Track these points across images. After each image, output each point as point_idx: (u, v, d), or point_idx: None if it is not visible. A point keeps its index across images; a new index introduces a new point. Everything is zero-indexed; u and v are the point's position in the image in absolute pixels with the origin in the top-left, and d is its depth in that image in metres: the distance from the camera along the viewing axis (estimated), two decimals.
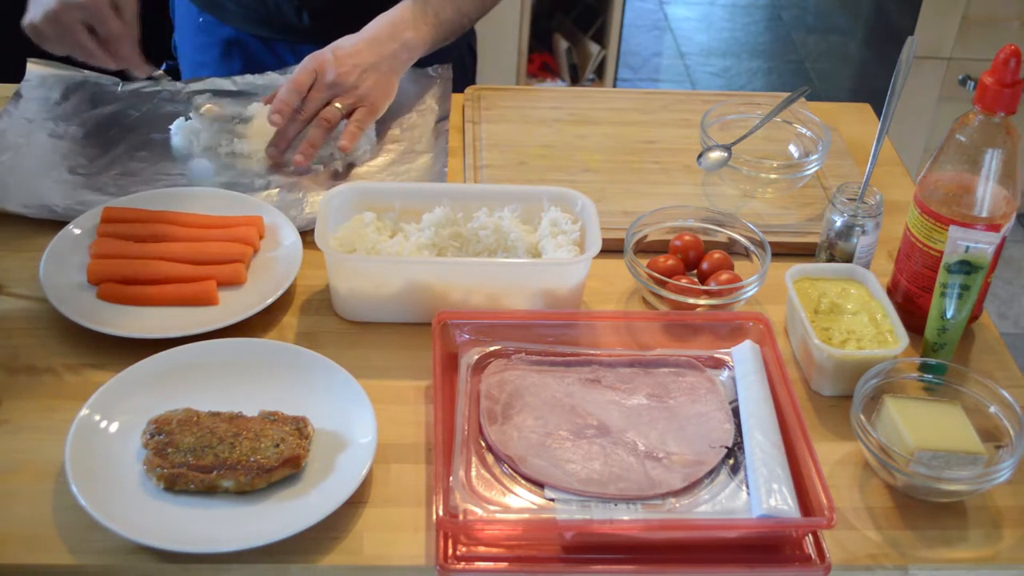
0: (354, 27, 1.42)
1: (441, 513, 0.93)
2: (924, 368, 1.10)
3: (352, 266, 1.16)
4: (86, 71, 1.51)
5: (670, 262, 1.23)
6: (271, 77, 1.51)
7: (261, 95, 1.47)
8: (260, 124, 1.39)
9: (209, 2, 1.60)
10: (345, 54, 1.36)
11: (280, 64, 1.55)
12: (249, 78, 1.51)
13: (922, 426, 1.02)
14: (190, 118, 1.41)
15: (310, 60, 1.36)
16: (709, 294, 1.19)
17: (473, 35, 1.72)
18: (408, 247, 1.18)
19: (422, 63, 1.52)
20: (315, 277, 1.22)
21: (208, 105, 1.40)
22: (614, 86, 3.26)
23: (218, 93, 1.49)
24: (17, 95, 1.46)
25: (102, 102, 1.47)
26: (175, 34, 1.69)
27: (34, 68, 1.51)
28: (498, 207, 1.23)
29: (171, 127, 1.42)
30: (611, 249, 1.23)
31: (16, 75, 1.50)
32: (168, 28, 1.71)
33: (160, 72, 1.43)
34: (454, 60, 1.57)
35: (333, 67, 1.35)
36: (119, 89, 1.49)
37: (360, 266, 1.16)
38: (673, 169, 1.43)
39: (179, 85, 1.51)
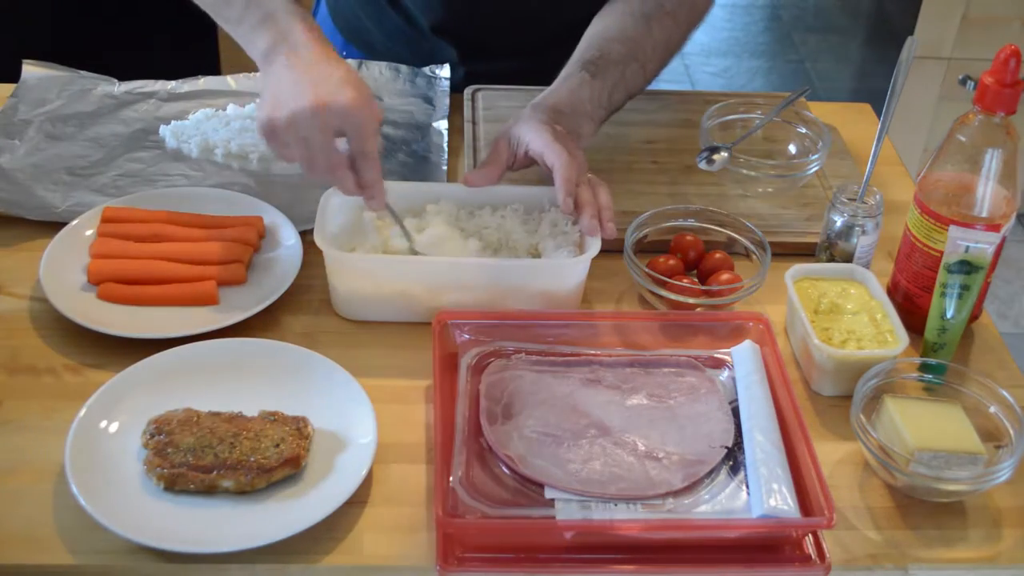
0: (505, 62, 1.42)
1: (441, 513, 0.93)
2: (924, 368, 1.10)
3: (351, 265, 1.16)
4: (82, 72, 1.51)
5: (670, 262, 1.23)
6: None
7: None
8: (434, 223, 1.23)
9: (358, 40, 1.58)
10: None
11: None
12: (248, 77, 1.51)
13: (922, 426, 1.02)
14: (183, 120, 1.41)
15: (567, 157, 1.19)
16: (709, 294, 1.19)
17: None
18: (406, 248, 1.18)
19: (479, 62, 1.52)
20: (315, 277, 1.22)
21: (377, 221, 1.21)
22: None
23: (217, 93, 1.49)
24: (14, 96, 1.46)
25: (100, 103, 1.47)
26: None
27: (30, 69, 1.51)
28: (498, 207, 1.23)
29: (160, 130, 1.41)
30: (611, 249, 1.23)
31: (12, 76, 1.50)
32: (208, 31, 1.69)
33: (392, 210, 1.18)
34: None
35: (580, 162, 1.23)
36: (116, 90, 1.49)
37: (359, 265, 1.16)
38: (673, 169, 1.43)
39: (175, 84, 1.51)
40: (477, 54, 1.54)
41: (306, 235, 1.24)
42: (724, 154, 1.36)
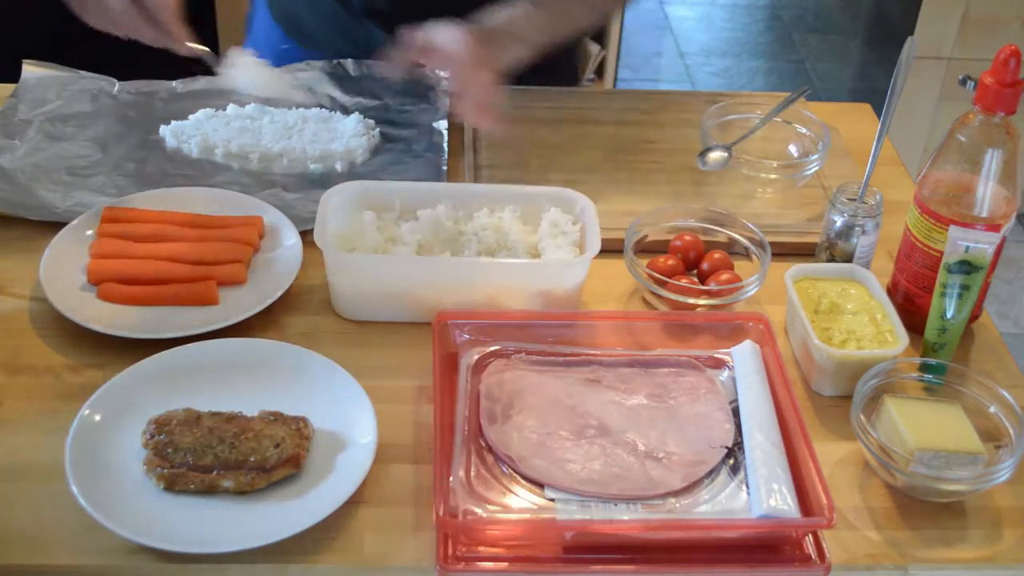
0: None
1: (441, 513, 0.93)
2: (924, 368, 1.10)
3: (351, 265, 1.16)
4: (82, 72, 1.51)
5: (670, 262, 1.23)
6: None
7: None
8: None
9: (297, 31, 1.59)
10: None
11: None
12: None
13: (922, 426, 1.02)
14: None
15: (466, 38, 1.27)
16: (709, 294, 1.19)
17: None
18: (406, 245, 1.18)
19: (356, 50, 1.52)
20: (315, 277, 1.22)
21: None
22: (614, 86, 3.26)
23: (214, 93, 1.49)
24: (13, 96, 1.46)
25: (99, 103, 1.47)
26: None
27: (30, 69, 1.51)
28: (498, 207, 1.23)
29: (160, 130, 1.41)
30: (611, 249, 1.23)
31: (12, 76, 1.50)
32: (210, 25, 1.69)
33: (206, 51, 1.33)
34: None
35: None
36: (115, 90, 1.49)
37: (359, 265, 1.16)
38: (673, 169, 1.43)
39: (174, 84, 1.51)
40: None
41: (306, 235, 1.24)
42: (724, 154, 1.36)
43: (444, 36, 1.25)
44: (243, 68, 1.32)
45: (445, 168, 1.38)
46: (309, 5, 1.57)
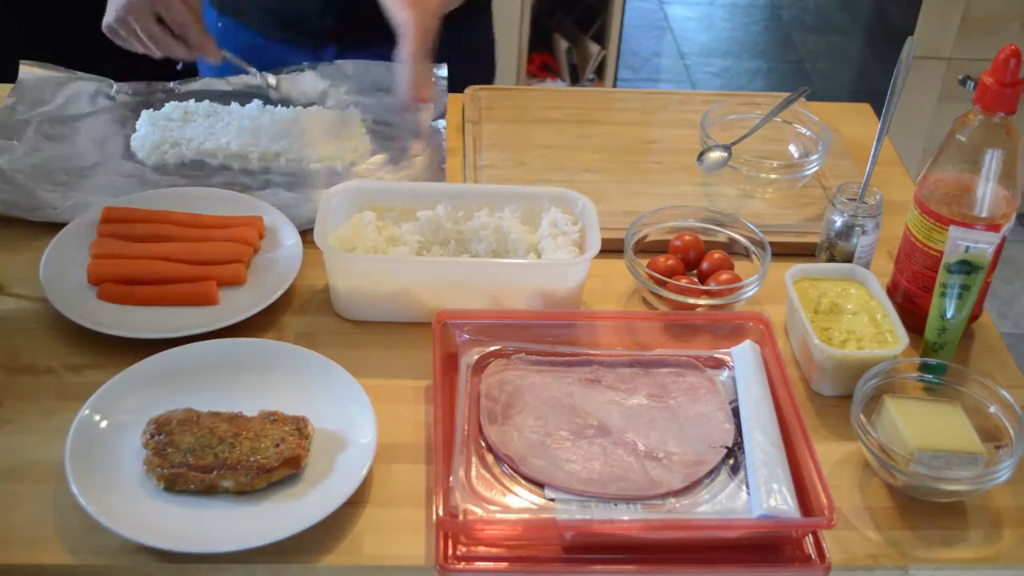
0: (379, 29, 1.38)
1: (441, 513, 0.93)
2: (924, 368, 1.10)
3: (351, 265, 1.16)
4: (80, 72, 1.51)
5: (670, 262, 1.23)
6: (265, 78, 1.50)
7: (257, 95, 1.47)
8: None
9: (230, 7, 1.60)
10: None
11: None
12: (245, 78, 1.51)
13: (922, 426, 1.02)
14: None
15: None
16: (709, 294, 1.19)
17: (491, 41, 1.72)
18: (406, 245, 1.18)
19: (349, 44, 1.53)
20: (315, 277, 1.22)
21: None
22: (614, 86, 3.26)
23: (211, 94, 1.49)
24: (11, 97, 1.46)
25: (97, 103, 1.47)
26: None
27: (28, 70, 1.51)
28: (498, 207, 1.23)
29: (160, 131, 1.41)
30: (611, 249, 1.23)
31: (9, 77, 1.50)
32: None
33: (231, 55, 1.41)
34: (470, 60, 1.57)
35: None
36: (113, 90, 1.49)
37: (359, 265, 1.16)
38: (673, 169, 1.43)
39: (173, 84, 1.51)
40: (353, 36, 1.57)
41: (306, 235, 1.24)
42: (724, 154, 1.36)
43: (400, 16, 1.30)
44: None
45: (444, 168, 1.38)
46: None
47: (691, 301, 1.19)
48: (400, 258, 1.17)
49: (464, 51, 1.52)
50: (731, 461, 1.03)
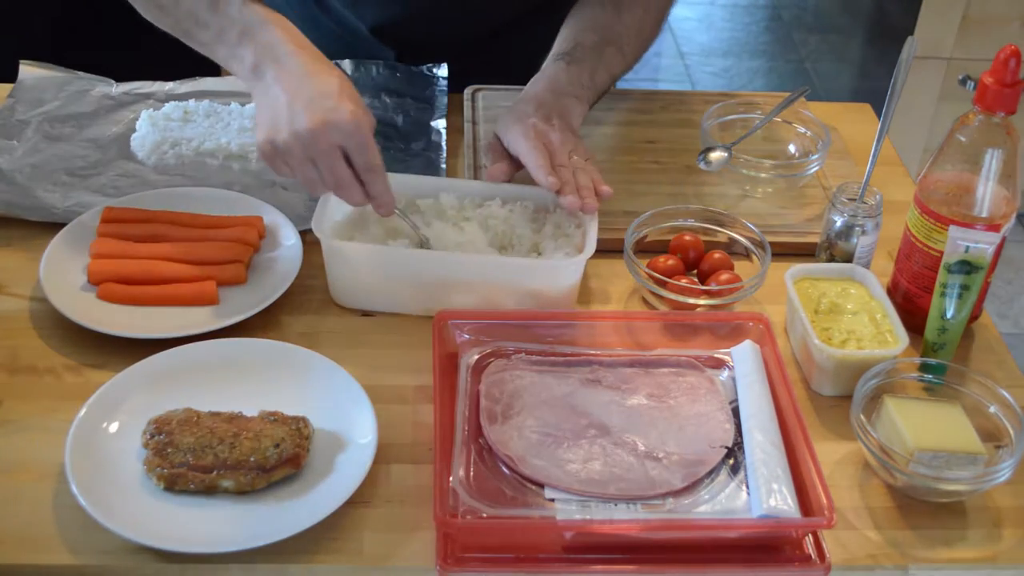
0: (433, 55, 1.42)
1: (441, 513, 0.93)
2: (924, 368, 1.10)
3: (347, 254, 1.16)
4: (80, 72, 1.51)
5: (670, 262, 1.23)
6: None
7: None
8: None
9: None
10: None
11: None
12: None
13: (922, 426, 1.02)
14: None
15: (534, 134, 1.24)
16: (709, 294, 1.19)
17: None
18: (406, 238, 1.19)
19: (418, 61, 1.53)
20: (315, 277, 1.22)
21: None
22: (614, 86, 3.26)
23: (211, 94, 1.49)
24: (11, 97, 1.46)
25: (98, 103, 1.47)
26: None
27: (28, 70, 1.51)
28: (508, 201, 1.24)
29: (160, 131, 1.41)
30: (611, 249, 1.23)
31: (9, 77, 1.50)
32: None
33: (400, 212, 1.18)
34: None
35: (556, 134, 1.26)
36: (114, 90, 1.49)
37: (355, 254, 1.16)
38: (673, 169, 1.43)
39: (173, 84, 1.51)
40: (415, 54, 1.55)
41: (306, 235, 1.24)
42: (724, 154, 1.36)
43: (521, 152, 1.23)
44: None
45: (444, 167, 1.38)
46: (311, 23, 1.57)
47: (691, 301, 1.19)
48: (395, 248, 1.17)
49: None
50: (731, 461, 1.03)
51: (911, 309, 1.19)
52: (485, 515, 0.96)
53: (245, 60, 1.14)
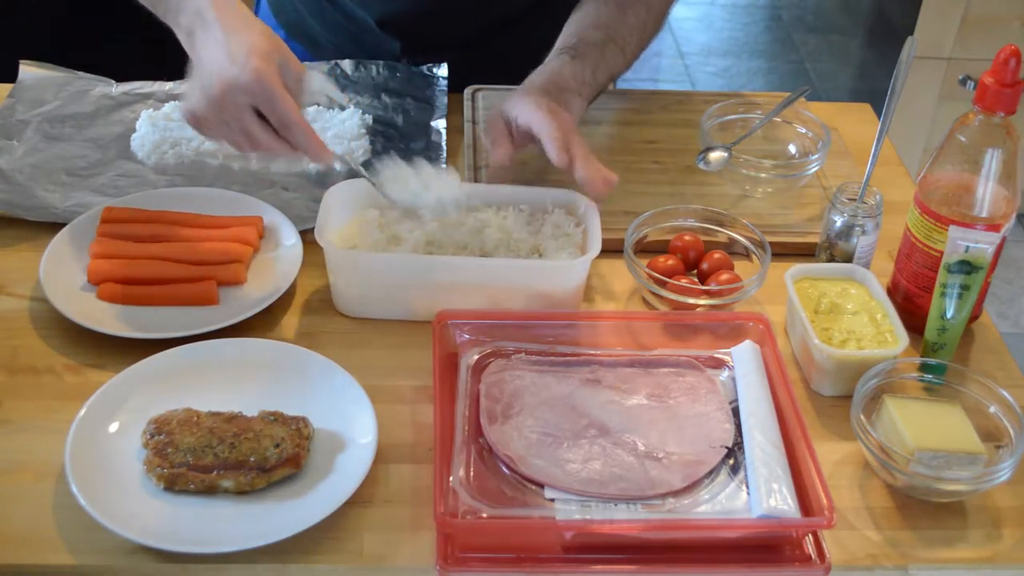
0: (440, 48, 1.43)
1: (441, 513, 0.93)
2: (924, 368, 1.10)
3: (351, 262, 1.16)
4: (79, 72, 1.51)
5: (670, 262, 1.23)
6: None
7: None
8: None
9: (303, 36, 1.59)
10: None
11: None
12: None
13: (922, 426, 1.02)
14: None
15: (550, 118, 1.24)
16: (709, 294, 1.19)
17: None
18: (408, 244, 1.18)
19: (423, 54, 1.53)
20: (315, 277, 1.22)
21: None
22: (614, 86, 3.26)
23: None
24: (11, 97, 1.46)
25: (97, 103, 1.47)
26: None
27: (27, 70, 1.51)
28: (502, 208, 1.24)
29: (160, 131, 1.41)
30: (611, 249, 1.23)
31: (9, 77, 1.50)
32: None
33: (341, 156, 1.20)
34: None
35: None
36: (113, 90, 1.49)
37: (359, 262, 1.16)
38: (673, 169, 1.43)
39: (172, 85, 1.51)
40: (420, 47, 1.55)
41: (306, 235, 1.24)
42: (724, 154, 1.36)
43: (536, 124, 1.24)
44: (388, 175, 1.22)
45: (443, 166, 1.38)
46: (318, 16, 1.57)
47: (691, 301, 1.19)
48: (398, 256, 1.17)
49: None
50: (731, 461, 1.03)
51: (911, 309, 1.19)
52: (485, 515, 0.96)
53: (183, 29, 1.13)
